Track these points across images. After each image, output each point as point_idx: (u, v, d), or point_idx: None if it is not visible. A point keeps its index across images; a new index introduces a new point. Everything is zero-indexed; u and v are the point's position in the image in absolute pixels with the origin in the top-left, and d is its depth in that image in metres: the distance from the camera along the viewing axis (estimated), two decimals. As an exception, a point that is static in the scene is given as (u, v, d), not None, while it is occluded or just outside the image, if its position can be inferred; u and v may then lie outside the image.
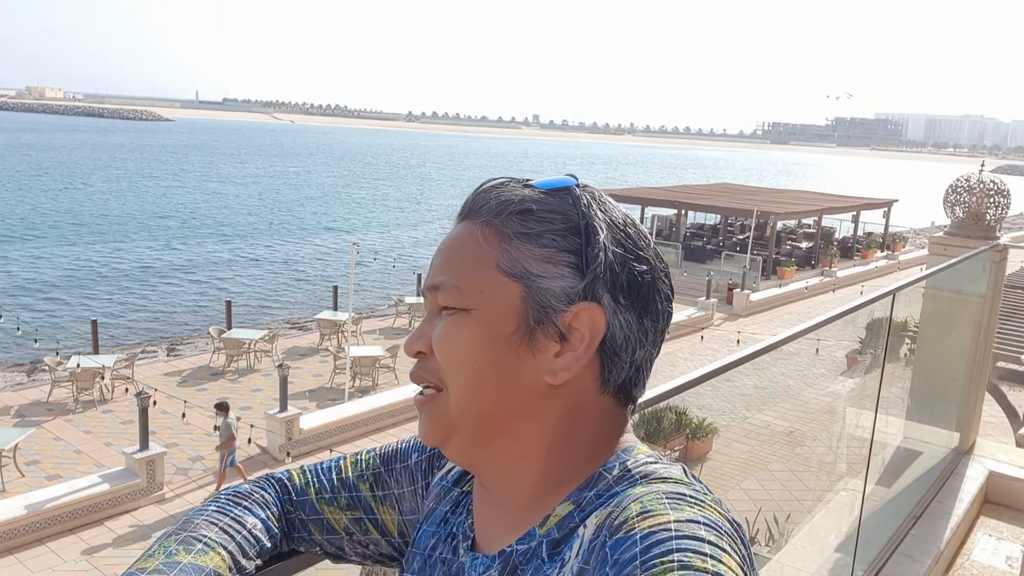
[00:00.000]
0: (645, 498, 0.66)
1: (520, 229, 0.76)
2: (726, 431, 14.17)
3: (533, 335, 0.74)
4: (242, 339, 18.06)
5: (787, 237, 34.67)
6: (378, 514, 0.96)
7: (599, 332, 0.74)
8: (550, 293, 0.74)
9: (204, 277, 30.92)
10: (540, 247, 0.75)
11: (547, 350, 0.74)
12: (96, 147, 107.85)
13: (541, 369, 0.74)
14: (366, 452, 1.01)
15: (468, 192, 0.85)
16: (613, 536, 0.64)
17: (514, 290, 0.75)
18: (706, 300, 24.16)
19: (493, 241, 0.76)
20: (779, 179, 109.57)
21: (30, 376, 17.76)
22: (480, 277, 0.76)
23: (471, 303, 0.75)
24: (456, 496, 0.89)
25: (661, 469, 0.74)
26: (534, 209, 0.76)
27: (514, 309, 0.74)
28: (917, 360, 5.20)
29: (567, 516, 0.74)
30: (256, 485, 0.95)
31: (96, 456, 13.24)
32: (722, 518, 0.65)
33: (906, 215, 44.57)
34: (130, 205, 50.77)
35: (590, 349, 0.74)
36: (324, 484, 0.97)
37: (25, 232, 38.52)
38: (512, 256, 0.75)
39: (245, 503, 0.91)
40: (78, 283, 28.73)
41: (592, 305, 0.74)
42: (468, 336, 0.75)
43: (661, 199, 33.94)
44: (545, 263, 0.74)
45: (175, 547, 0.80)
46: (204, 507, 0.89)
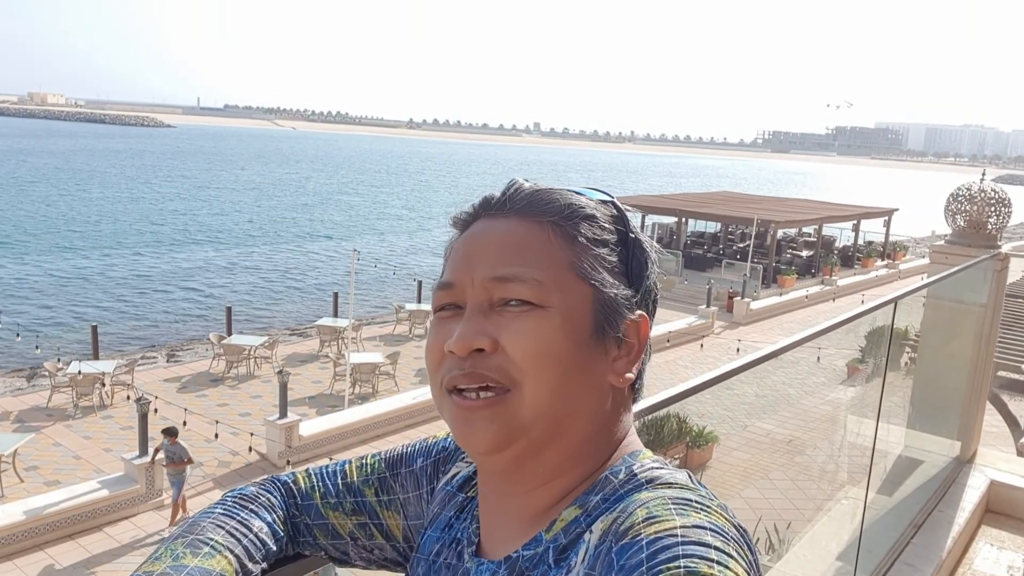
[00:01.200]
0: (651, 503, 0.66)
1: (589, 234, 0.78)
2: (726, 439, 14.14)
3: (602, 338, 0.77)
4: (242, 345, 18.05)
5: (787, 245, 34.67)
6: (383, 519, 0.96)
7: (645, 340, 0.80)
8: (617, 300, 0.78)
9: (204, 283, 30.92)
10: (606, 254, 0.79)
11: (610, 354, 0.77)
12: (95, 153, 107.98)
13: (607, 371, 0.77)
14: (371, 456, 1.00)
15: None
16: (619, 542, 0.64)
17: (586, 292, 0.76)
18: (706, 308, 24.14)
19: (563, 243, 0.77)
20: (779, 188, 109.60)
21: (30, 381, 17.75)
22: (558, 276, 0.76)
23: (551, 301, 0.75)
24: (461, 501, 0.89)
25: (667, 474, 0.74)
26: (598, 216, 0.80)
27: (588, 311, 0.76)
28: (918, 369, 5.20)
29: (573, 521, 0.74)
30: (262, 488, 0.95)
31: (95, 462, 13.22)
32: (728, 524, 0.65)
33: (907, 224, 44.60)
34: (130, 211, 50.81)
35: (640, 355, 0.79)
36: (329, 488, 0.97)
37: (25, 238, 38.54)
38: (584, 259, 0.77)
39: (251, 506, 0.91)
40: (78, 289, 28.73)
41: (645, 315, 0.80)
42: (552, 333, 0.74)
43: (662, 207, 33.96)
44: (610, 270, 0.78)
45: (182, 550, 0.80)
46: (210, 510, 0.89)
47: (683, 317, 23.70)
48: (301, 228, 48.46)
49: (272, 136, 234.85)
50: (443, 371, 0.76)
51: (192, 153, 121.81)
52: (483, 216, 0.82)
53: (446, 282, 0.79)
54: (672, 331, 21.83)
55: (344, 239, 43.71)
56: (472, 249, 0.79)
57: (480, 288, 0.76)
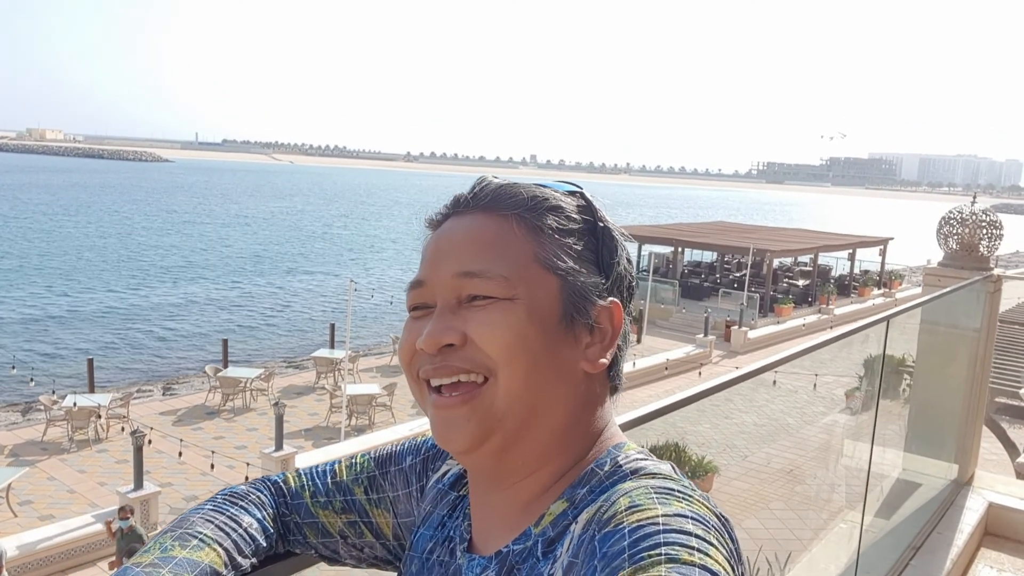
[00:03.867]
0: (633, 492, 0.67)
1: (554, 225, 0.79)
2: (726, 469, 14.06)
3: (571, 326, 0.78)
4: (238, 378, 17.98)
5: (784, 275, 34.78)
6: (373, 517, 0.97)
7: (619, 326, 0.80)
8: (586, 287, 0.78)
9: (200, 316, 30.88)
10: (572, 243, 0.79)
11: (581, 341, 0.78)
12: (91, 188, 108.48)
13: (578, 358, 0.78)
14: (361, 456, 1.01)
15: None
16: (602, 530, 0.65)
17: (552, 282, 0.78)
18: (704, 337, 24.15)
19: (528, 235, 0.79)
20: (775, 218, 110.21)
21: (25, 416, 17.64)
22: (523, 268, 0.77)
23: (517, 293, 0.76)
24: (453, 500, 0.90)
25: (651, 465, 0.75)
26: (563, 207, 0.81)
27: (555, 301, 0.77)
28: (914, 392, 5.20)
29: (561, 515, 0.75)
30: (252, 487, 0.96)
31: (90, 496, 13.11)
32: (710, 513, 0.66)
33: (902, 253, 44.78)
34: (124, 245, 50.90)
35: (614, 341, 0.80)
36: (319, 487, 0.97)
37: (21, 272, 38.55)
38: (549, 250, 0.78)
39: (241, 503, 0.91)
40: (74, 323, 28.67)
41: (615, 302, 0.80)
42: (519, 323, 0.76)
43: (658, 236, 34.10)
44: (577, 259, 0.79)
45: (170, 543, 0.81)
46: (200, 506, 0.90)
47: (681, 346, 23.69)
48: (297, 261, 48.55)
49: (269, 170, 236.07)
50: (415, 366, 0.80)
51: (186, 188, 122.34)
52: (453, 215, 0.83)
53: (416, 281, 0.82)
54: (670, 360, 21.81)
55: (339, 271, 43.77)
56: (440, 248, 0.81)
57: (448, 286, 0.78)
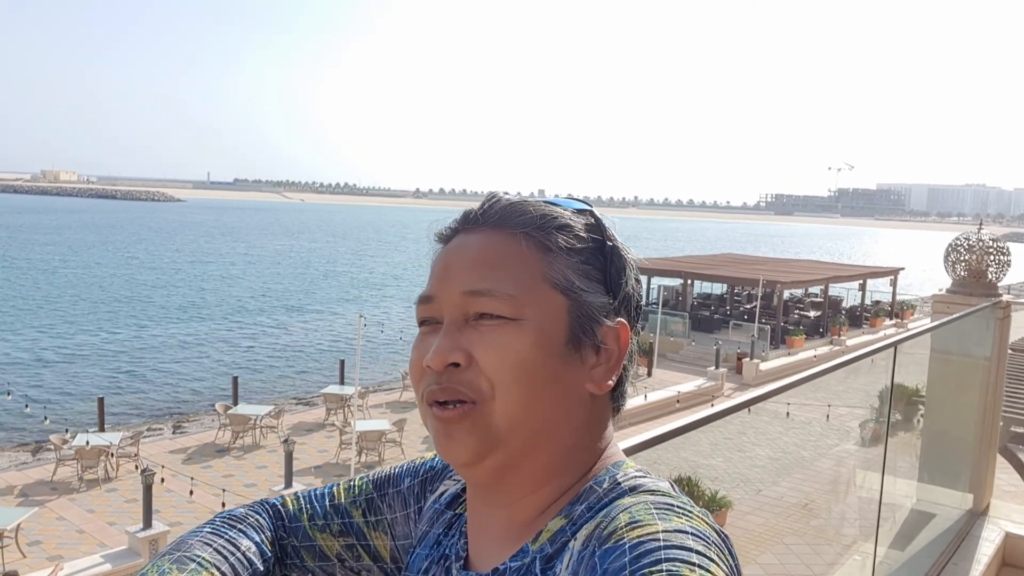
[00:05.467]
0: (633, 508, 0.67)
1: (563, 244, 0.79)
2: (740, 504, 13.89)
3: (578, 347, 0.77)
4: (248, 415, 17.94)
5: (794, 306, 34.65)
6: (371, 540, 0.96)
7: (625, 347, 0.79)
8: (593, 307, 0.78)
9: (210, 354, 30.95)
10: (581, 262, 0.79)
11: (587, 362, 0.78)
12: (99, 228, 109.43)
13: (583, 379, 0.77)
14: (359, 478, 1.01)
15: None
16: (602, 546, 0.64)
17: (560, 302, 0.77)
18: (715, 370, 24.00)
19: (537, 253, 0.78)
20: (784, 249, 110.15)
21: (35, 455, 17.65)
22: (530, 287, 0.77)
23: (524, 313, 0.76)
24: (449, 518, 0.89)
25: (649, 482, 0.74)
26: (573, 226, 0.80)
27: (562, 321, 0.77)
28: (927, 422, 5.15)
29: (559, 531, 0.74)
30: (251, 509, 0.96)
31: (99, 536, 13.04)
32: (710, 529, 0.65)
33: (913, 283, 44.62)
34: (131, 284, 51.23)
35: (620, 362, 0.79)
36: (317, 510, 0.97)
37: (29, 311, 38.81)
38: (557, 269, 0.78)
39: (240, 526, 0.91)
40: (84, 362, 28.76)
41: (622, 322, 0.79)
42: (523, 345, 0.75)
43: (667, 269, 34.09)
44: (585, 278, 0.78)
45: (168, 566, 0.80)
46: (198, 529, 0.89)
47: (692, 379, 23.55)
48: (305, 298, 48.68)
49: (279, 208, 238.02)
50: (423, 385, 0.78)
51: (195, 226, 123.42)
52: (462, 230, 0.83)
53: (425, 296, 0.81)
54: (682, 392, 21.67)
55: (348, 308, 43.84)
56: (448, 263, 0.80)
57: (455, 303, 0.77)
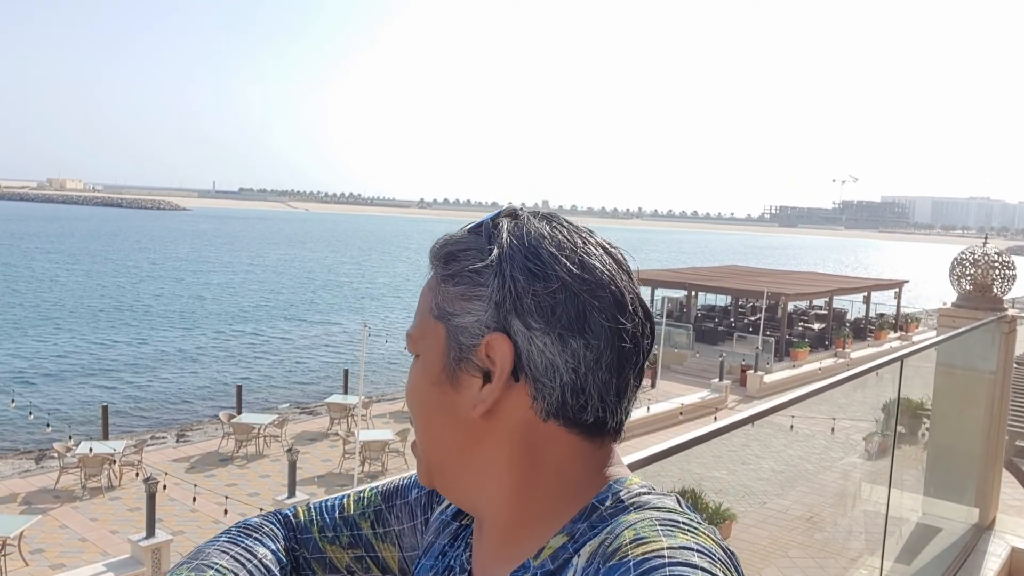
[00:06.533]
0: (638, 525, 0.67)
1: (443, 272, 0.79)
2: (744, 517, 13.83)
3: (455, 373, 0.76)
4: (251, 424, 17.95)
5: (799, 318, 34.59)
6: (379, 551, 0.97)
7: (508, 359, 0.73)
8: (462, 330, 0.76)
9: (214, 363, 30.99)
10: (456, 286, 0.77)
11: (471, 386, 0.76)
12: (102, 236, 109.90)
13: (467, 405, 0.76)
14: (369, 489, 1.02)
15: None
16: (607, 563, 0.64)
17: (440, 332, 0.78)
18: (719, 382, 23.96)
19: (432, 288, 0.80)
20: (788, 261, 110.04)
21: (38, 463, 17.65)
22: (422, 324, 0.80)
23: (418, 349, 0.80)
24: (455, 530, 0.90)
25: (654, 499, 0.74)
26: (453, 251, 0.79)
27: (440, 350, 0.78)
28: (932, 436, 5.14)
29: (560, 548, 0.74)
30: (266, 519, 0.97)
31: (102, 544, 13.03)
32: (715, 545, 0.65)
33: (917, 296, 44.54)
34: (137, 293, 51.35)
35: (502, 378, 0.74)
36: (327, 522, 0.98)
37: (31, 320, 38.89)
38: (438, 299, 0.79)
39: (256, 535, 0.92)
40: (88, 370, 28.82)
41: (497, 334, 0.73)
42: (415, 380, 0.80)
43: (671, 280, 34.07)
44: (461, 301, 0.76)
45: (187, 575, 0.82)
46: (216, 538, 0.91)
47: (696, 391, 23.51)
48: (308, 307, 48.76)
49: (284, 218, 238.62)
50: None
51: (198, 235, 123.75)
52: None
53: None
54: (685, 404, 21.63)
55: (351, 317, 43.87)
56: None
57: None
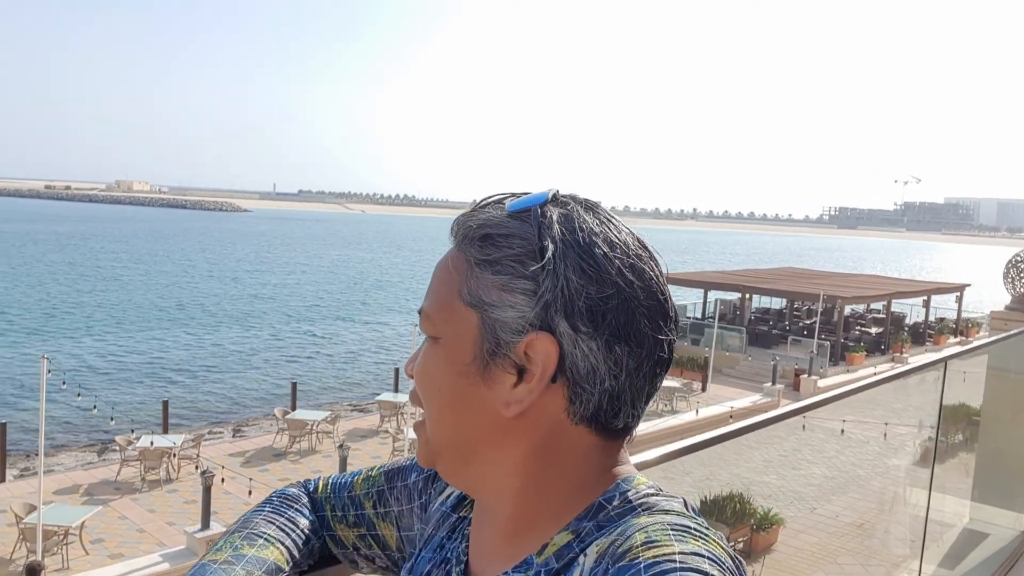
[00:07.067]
0: (650, 528, 0.67)
1: (479, 256, 0.74)
2: (793, 522, 13.62)
3: (487, 367, 0.73)
4: (305, 420, 18.35)
5: (856, 322, 33.88)
6: (379, 530, 1.00)
7: (552, 362, 0.71)
8: (502, 323, 0.72)
9: (270, 361, 31.69)
10: (495, 274, 0.73)
11: (503, 382, 0.73)
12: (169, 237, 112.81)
13: (498, 401, 0.73)
14: (376, 468, 1.05)
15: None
16: (616, 563, 0.64)
17: (472, 320, 0.74)
18: (772, 386, 23.61)
19: (461, 268, 0.76)
20: (846, 264, 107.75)
21: (101, 456, 18.29)
22: (446, 306, 0.76)
23: (439, 332, 0.77)
24: (453, 522, 0.90)
25: (663, 501, 0.73)
26: (492, 234, 0.75)
27: (472, 339, 0.74)
28: (981, 440, 5.03)
29: (565, 546, 0.73)
30: (301, 490, 1.02)
31: (159, 535, 13.44)
32: (725, 554, 0.65)
33: (980, 300, 43.18)
34: (198, 292, 52.70)
35: (543, 380, 0.71)
36: (337, 501, 1.02)
37: (101, 319, 40.22)
38: (471, 285, 0.74)
39: (296, 506, 0.98)
40: (150, 366, 29.73)
41: (542, 335, 0.71)
42: (434, 365, 0.77)
43: (724, 283, 33.70)
44: (501, 291, 0.72)
45: (239, 542, 0.89)
46: (260, 508, 0.97)
47: (747, 395, 23.22)
48: (362, 307, 49.46)
49: (340, 219, 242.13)
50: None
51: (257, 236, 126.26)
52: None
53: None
54: (736, 408, 21.37)
55: (403, 317, 44.37)
56: None
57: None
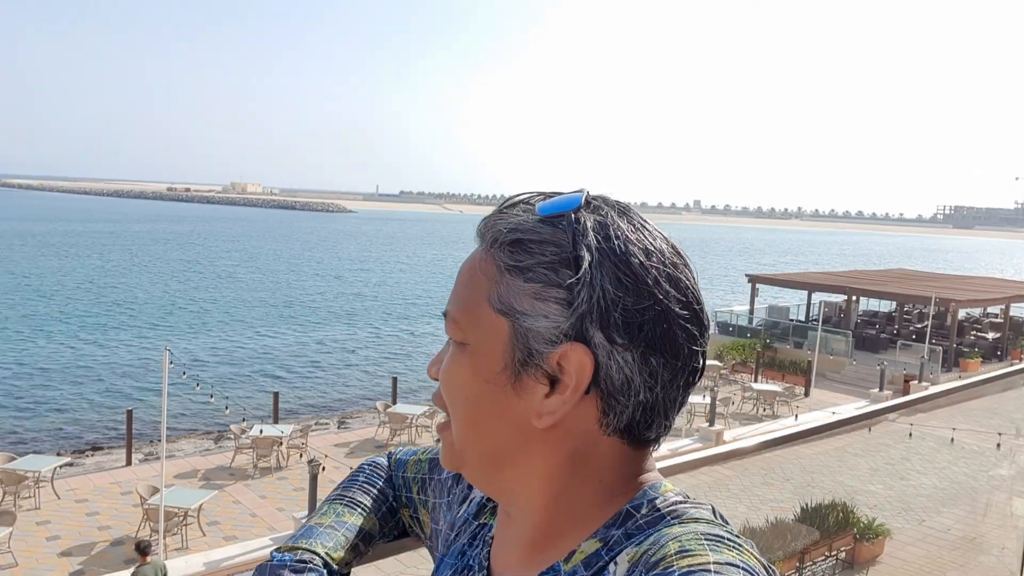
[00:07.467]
0: (683, 537, 0.66)
1: (510, 262, 0.72)
2: (899, 533, 13.18)
3: (519, 376, 0.71)
4: (405, 414, 18.93)
5: (971, 327, 32.23)
6: (420, 515, 1.05)
7: (586, 374, 0.69)
8: (534, 333, 0.70)
9: (372, 356, 32.80)
10: (527, 282, 0.70)
11: (535, 392, 0.71)
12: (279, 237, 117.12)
13: (529, 411, 0.71)
14: (425, 452, 1.08)
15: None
16: (650, 573, 0.64)
17: (503, 327, 0.72)
18: (879, 392, 22.77)
19: (490, 273, 0.73)
20: (961, 265, 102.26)
21: (217, 443, 19.32)
22: (474, 311, 0.74)
23: (467, 337, 0.74)
24: (475, 528, 0.90)
25: (692, 509, 0.73)
26: (523, 240, 0.72)
27: (502, 348, 0.72)
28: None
29: (594, 554, 0.72)
30: (388, 461, 1.10)
31: (269, 520, 14.10)
32: (758, 564, 0.65)
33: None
34: (304, 290, 54.82)
35: (577, 392, 0.69)
36: (398, 480, 1.08)
37: (217, 314, 42.31)
38: (501, 291, 0.72)
39: (384, 476, 1.08)
40: (262, 359, 31.19)
41: (577, 346, 0.69)
42: (461, 371, 0.75)
43: (829, 284, 32.66)
44: (533, 300, 0.70)
45: (341, 508, 0.99)
46: (355, 477, 1.07)
47: (852, 400, 22.46)
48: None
49: (439, 220, 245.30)
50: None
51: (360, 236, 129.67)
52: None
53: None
54: (839, 417, 20.73)
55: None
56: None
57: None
